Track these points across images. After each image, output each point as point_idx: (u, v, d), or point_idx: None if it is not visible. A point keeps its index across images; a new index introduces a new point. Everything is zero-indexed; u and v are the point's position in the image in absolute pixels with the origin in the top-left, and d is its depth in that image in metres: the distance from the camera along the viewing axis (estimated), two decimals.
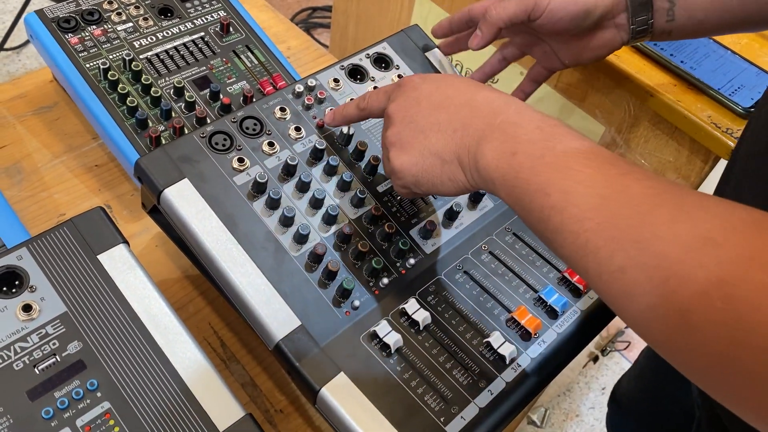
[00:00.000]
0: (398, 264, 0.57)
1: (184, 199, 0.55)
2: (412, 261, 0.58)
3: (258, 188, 0.56)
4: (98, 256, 0.49)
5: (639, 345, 1.72)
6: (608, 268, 0.37)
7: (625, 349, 1.71)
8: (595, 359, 1.66)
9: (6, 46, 0.93)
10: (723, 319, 0.31)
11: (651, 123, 0.82)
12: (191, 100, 0.72)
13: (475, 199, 0.63)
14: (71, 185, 0.73)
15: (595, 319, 0.58)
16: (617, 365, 1.69)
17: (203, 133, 0.58)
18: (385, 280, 0.56)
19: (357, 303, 0.54)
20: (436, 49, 0.72)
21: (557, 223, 0.40)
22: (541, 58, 0.73)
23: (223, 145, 0.58)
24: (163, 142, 0.69)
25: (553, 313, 0.57)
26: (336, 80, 0.66)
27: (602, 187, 0.39)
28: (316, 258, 0.55)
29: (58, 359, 0.45)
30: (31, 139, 0.76)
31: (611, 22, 0.66)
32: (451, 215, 0.61)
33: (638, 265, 0.35)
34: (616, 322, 1.65)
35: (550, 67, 0.73)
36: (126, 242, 0.51)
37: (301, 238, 0.55)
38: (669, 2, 0.64)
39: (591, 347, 1.56)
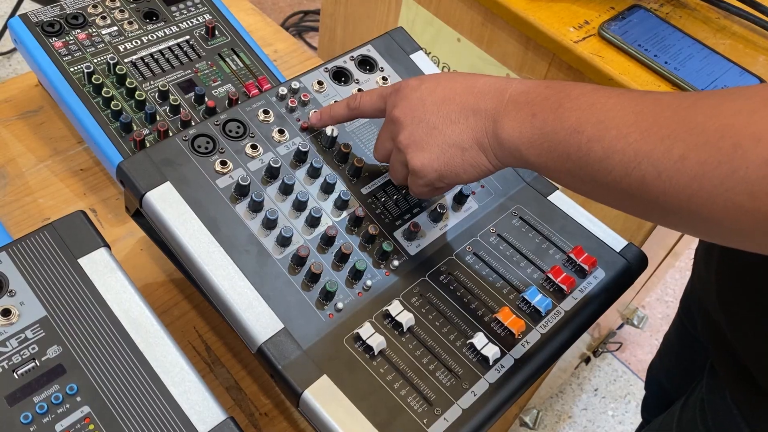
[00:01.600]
0: (382, 266, 0.57)
1: (166, 202, 0.55)
2: (396, 263, 0.58)
3: (241, 191, 0.56)
4: (79, 260, 0.49)
5: (631, 346, 1.73)
6: (667, 164, 0.37)
7: (616, 350, 1.71)
8: (587, 360, 1.66)
9: None
10: None
11: None
12: (176, 103, 0.72)
13: (459, 201, 0.63)
14: (56, 189, 0.73)
15: (579, 321, 0.58)
16: (609, 366, 1.69)
17: (186, 136, 0.58)
18: (369, 282, 0.56)
19: (340, 305, 0.54)
20: (421, 51, 0.72)
21: (600, 152, 0.41)
22: None
23: (206, 148, 0.58)
24: (148, 145, 0.69)
25: (537, 314, 0.57)
26: (320, 83, 0.66)
27: (634, 105, 0.40)
28: (299, 260, 0.55)
29: (38, 364, 0.45)
30: (16, 144, 0.76)
31: None
32: (436, 217, 0.61)
33: (700, 145, 0.36)
34: (608, 324, 1.65)
35: None
36: (107, 246, 0.51)
37: (284, 241, 0.55)
38: None
39: (583, 348, 1.57)
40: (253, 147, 0.59)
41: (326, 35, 1.25)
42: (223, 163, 0.57)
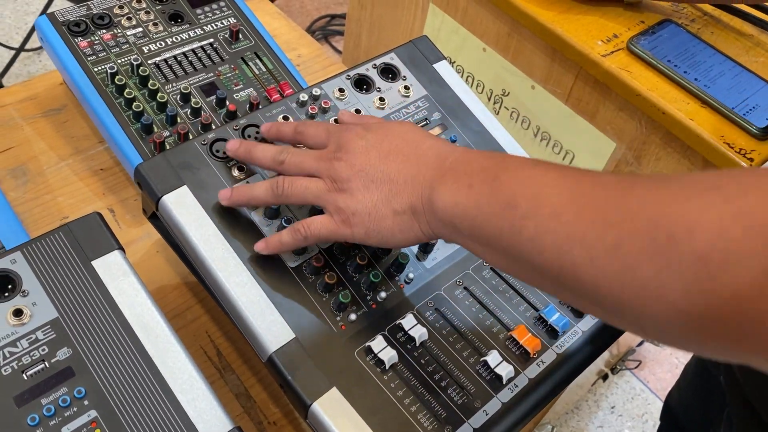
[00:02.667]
0: (397, 278, 0.57)
1: (182, 206, 0.54)
2: (411, 275, 0.57)
3: None
4: (92, 262, 0.49)
5: (650, 364, 1.70)
6: (600, 251, 0.35)
7: (635, 368, 1.69)
8: (605, 377, 1.64)
9: (27, 47, 0.93)
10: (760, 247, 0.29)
11: (663, 141, 0.81)
12: (197, 106, 0.71)
13: None
14: (76, 188, 0.73)
15: (597, 341, 0.57)
16: (627, 384, 1.66)
17: (204, 140, 0.58)
18: (383, 294, 0.55)
19: (353, 317, 0.53)
20: (445, 61, 0.71)
21: (532, 230, 0.39)
22: None
23: (225, 153, 0.58)
24: (168, 147, 0.69)
25: (553, 333, 0.56)
26: (341, 90, 0.65)
27: (572, 182, 0.39)
28: (313, 269, 0.54)
29: (47, 365, 0.45)
30: (39, 141, 0.76)
31: None
32: None
33: (633, 234, 0.34)
34: (628, 341, 1.62)
35: None
36: (121, 249, 0.51)
37: (299, 249, 0.54)
38: None
39: (601, 365, 1.54)
40: None
41: (351, 41, 1.25)
42: (241, 169, 0.57)
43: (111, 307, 0.48)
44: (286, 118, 0.61)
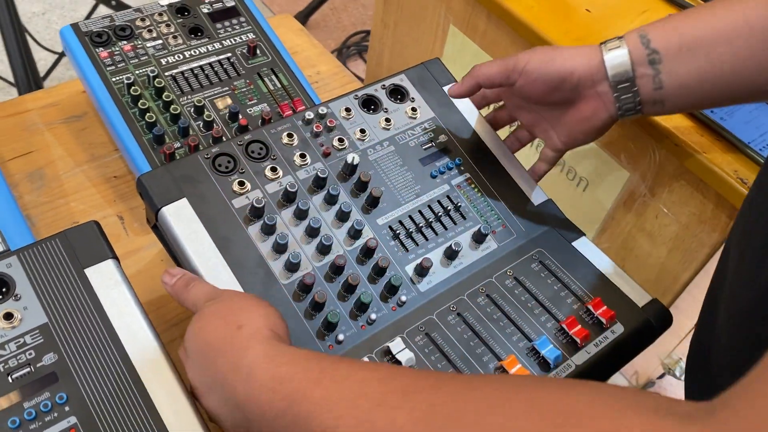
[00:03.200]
0: (389, 300, 0.56)
1: (180, 218, 0.55)
2: (404, 298, 0.57)
3: (255, 213, 0.56)
4: (85, 270, 0.50)
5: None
6: None
7: None
8: None
9: None
10: None
11: (676, 173, 0.79)
12: (209, 119, 0.73)
13: (478, 239, 0.61)
14: (88, 194, 0.74)
15: (591, 376, 0.56)
16: None
17: (207, 154, 0.59)
18: (374, 316, 0.55)
19: (341, 337, 0.53)
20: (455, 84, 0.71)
21: None
22: (543, 136, 0.70)
23: (227, 168, 0.59)
24: (177, 158, 0.70)
25: (545, 366, 0.55)
26: (348, 109, 0.65)
27: None
28: (304, 288, 0.54)
29: (32, 369, 0.45)
30: (57, 147, 0.78)
31: (593, 91, 0.63)
32: (451, 254, 0.59)
33: None
34: (647, 372, 1.58)
35: (552, 147, 0.69)
36: (116, 258, 0.52)
37: (292, 266, 0.55)
38: (653, 69, 0.60)
39: None
40: (273, 169, 0.59)
41: (374, 59, 1.26)
42: (241, 184, 0.58)
43: (100, 316, 0.48)
44: (290, 135, 0.62)
